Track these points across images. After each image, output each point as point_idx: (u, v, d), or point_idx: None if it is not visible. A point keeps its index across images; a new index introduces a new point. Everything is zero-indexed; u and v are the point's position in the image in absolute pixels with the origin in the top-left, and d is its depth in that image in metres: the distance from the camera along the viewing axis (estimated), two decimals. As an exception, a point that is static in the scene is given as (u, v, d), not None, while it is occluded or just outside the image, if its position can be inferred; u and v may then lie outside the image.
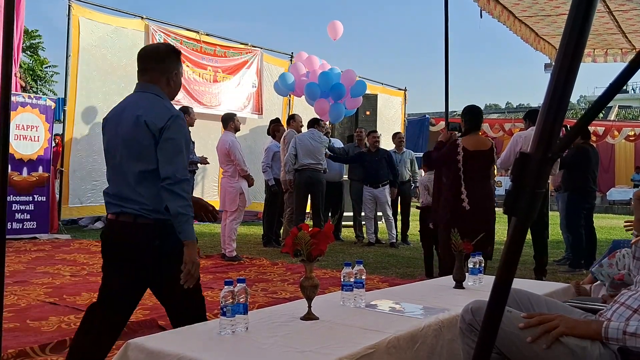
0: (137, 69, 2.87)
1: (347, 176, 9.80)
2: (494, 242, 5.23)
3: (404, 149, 9.75)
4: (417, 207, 7.22)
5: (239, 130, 7.71)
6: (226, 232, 7.22)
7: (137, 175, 2.63)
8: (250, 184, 7.36)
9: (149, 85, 2.80)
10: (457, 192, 4.99)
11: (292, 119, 9.03)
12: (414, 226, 9.14)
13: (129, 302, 2.73)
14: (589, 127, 12.70)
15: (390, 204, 8.98)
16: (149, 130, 2.59)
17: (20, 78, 10.52)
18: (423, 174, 6.97)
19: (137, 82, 2.87)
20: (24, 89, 11.64)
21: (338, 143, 9.86)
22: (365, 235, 9.30)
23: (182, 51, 10.39)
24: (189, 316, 2.59)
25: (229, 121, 7.42)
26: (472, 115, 5.20)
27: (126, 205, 2.63)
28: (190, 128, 7.95)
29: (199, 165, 8.12)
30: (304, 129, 8.86)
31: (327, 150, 8.63)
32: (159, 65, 2.81)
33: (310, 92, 9.49)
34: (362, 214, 9.28)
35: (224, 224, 7.35)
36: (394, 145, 9.80)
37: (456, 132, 5.69)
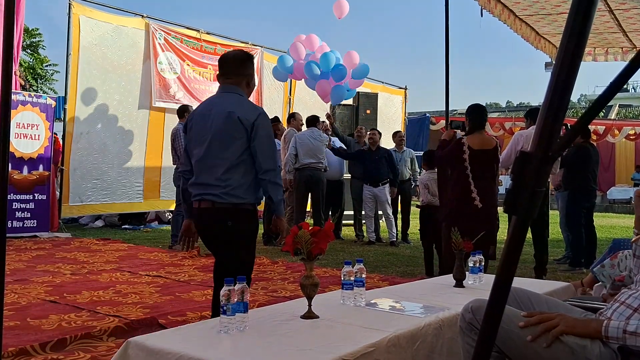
0: (218, 72, 3.29)
1: (348, 174, 9.79)
2: (496, 242, 5.23)
3: (405, 148, 9.75)
4: (417, 206, 7.22)
5: None
6: None
7: (224, 165, 3.00)
8: None
9: (232, 87, 3.17)
10: (466, 190, 4.96)
11: (293, 117, 9.02)
12: (414, 225, 9.13)
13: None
14: (590, 126, 12.70)
15: (390, 202, 8.98)
16: (242, 124, 2.99)
17: (19, 77, 10.52)
18: (423, 173, 6.96)
19: (219, 84, 3.28)
20: (23, 87, 11.64)
21: (338, 142, 9.85)
22: (365, 234, 9.30)
23: (182, 50, 10.37)
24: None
25: None
26: (477, 113, 5.18)
27: (207, 192, 3.03)
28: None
29: None
30: (304, 127, 8.85)
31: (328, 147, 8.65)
32: (239, 69, 3.20)
33: (310, 72, 9.32)
34: (363, 212, 9.27)
35: None
36: (395, 144, 9.80)
37: (458, 130, 5.68)
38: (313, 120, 8.57)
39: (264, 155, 3.00)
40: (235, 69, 3.19)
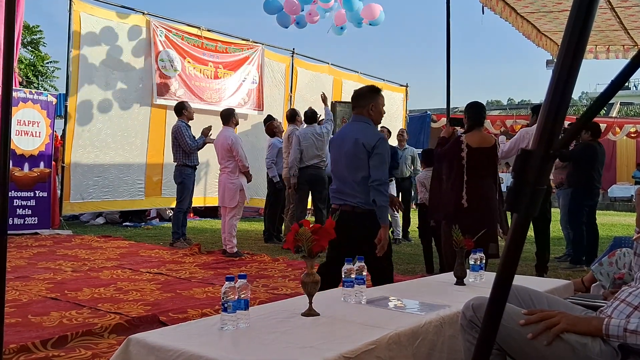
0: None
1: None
2: (497, 240, 5.22)
3: (406, 145, 9.75)
4: (416, 204, 7.22)
5: (238, 124, 7.71)
6: (226, 228, 7.22)
7: (356, 180, 3.86)
8: (249, 180, 7.36)
9: (359, 116, 4.03)
10: (459, 188, 4.98)
11: (298, 115, 8.77)
12: (414, 222, 9.13)
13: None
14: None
15: None
16: (365, 148, 3.83)
17: (17, 74, 10.52)
18: (421, 171, 6.94)
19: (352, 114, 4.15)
20: (20, 84, 11.64)
21: (327, 131, 9.80)
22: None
23: (183, 47, 10.33)
24: (379, 276, 3.83)
25: (230, 117, 7.41)
26: (475, 111, 5.17)
27: (347, 200, 3.90)
28: (190, 123, 8.01)
29: (199, 161, 8.13)
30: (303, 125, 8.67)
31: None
32: (360, 102, 4.05)
33: None
34: None
35: (224, 221, 7.35)
36: (397, 142, 9.80)
37: (458, 128, 5.67)
38: (313, 117, 8.37)
39: (375, 168, 3.80)
40: (357, 101, 4.06)
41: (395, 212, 9.06)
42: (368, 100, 4.02)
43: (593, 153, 7.09)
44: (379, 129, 9.53)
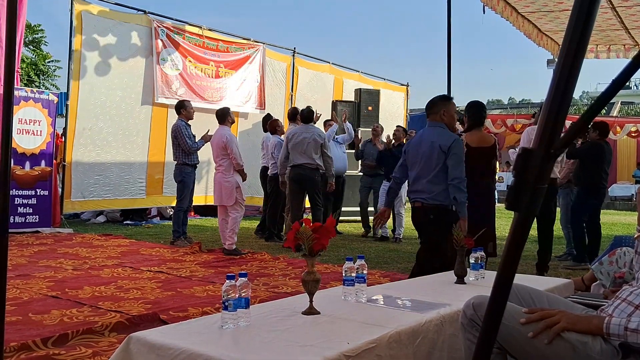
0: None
1: (351, 170, 9.83)
2: (495, 238, 5.22)
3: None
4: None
5: (234, 122, 7.71)
6: (229, 225, 7.19)
7: (428, 179, 4.38)
8: (244, 179, 7.36)
9: (434, 122, 4.48)
10: None
11: (299, 114, 8.46)
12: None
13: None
14: (591, 123, 12.66)
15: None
16: (441, 150, 4.31)
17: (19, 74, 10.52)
18: None
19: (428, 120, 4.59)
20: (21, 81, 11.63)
21: (341, 139, 9.83)
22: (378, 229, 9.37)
23: (184, 46, 10.34)
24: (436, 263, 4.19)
25: (226, 116, 7.41)
26: (475, 111, 5.17)
27: (418, 197, 4.45)
28: (190, 122, 8.01)
29: (199, 160, 8.13)
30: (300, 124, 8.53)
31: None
32: (432, 109, 4.53)
33: None
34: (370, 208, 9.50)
35: (221, 219, 7.33)
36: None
37: (459, 126, 5.67)
38: (309, 117, 8.02)
39: (454, 168, 4.27)
40: (431, 109, 4.52)
41: (402, 211, 9.08)
42: (440, 107, 4.48)
43: (600, 152, 7.06)
44: (370, 128, 9.69)
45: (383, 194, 8.95)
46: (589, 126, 6.81)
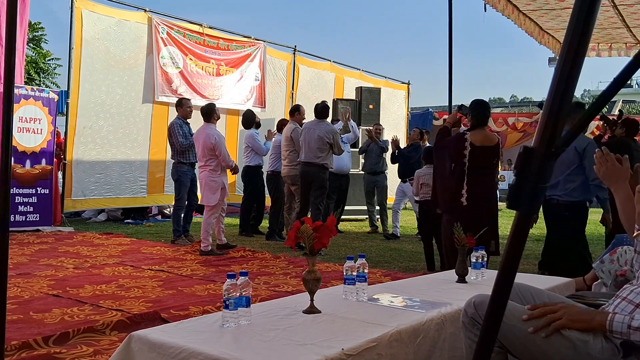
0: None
1: (354, 169, 9.89)
2: (497, 237, 5.21)
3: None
4: (415, 201, 7.22)
5: (219, 119, 7.67)
6: (202, 226, 7.05)
7: (561, 178, 5.05)
8: (235, 172, 7.36)
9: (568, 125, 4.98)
10: (459, 187, 4.98)
11: (297, 110, 8.51)
12: (414, 220, 9.15)
13: None
14: (593, 122, 12.65)
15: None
16: (577, 151, 5.02)
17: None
18: (422, 168, 6.89)
19: None
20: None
21: (346, 138, 9.83)
22: (387, 227, 9.47)
23: (184, 44, 10.30)
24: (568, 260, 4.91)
25: (212, 113, 7.26)
26: (480, 109, 5.15)
27: (553, 193, 5.11)
28: (189, 120, 7.99)
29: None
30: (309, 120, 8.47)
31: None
32: (570, 115, 4.79)
33: None
34: (377, 207, 9.68)
35: (214, 217, 7.25)
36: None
37: (462, 123, 5.66)
38: (324, 112, 7.83)
39: (591, 169, 4.43)
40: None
41: (399, 210, 9.14)
42: (576, 113, 4.79)
43: (626, 150, 6.92)
44: (370, 127, 9.78)
45: (399, 195, 9.07)
46: (618, 122, 6.77)
